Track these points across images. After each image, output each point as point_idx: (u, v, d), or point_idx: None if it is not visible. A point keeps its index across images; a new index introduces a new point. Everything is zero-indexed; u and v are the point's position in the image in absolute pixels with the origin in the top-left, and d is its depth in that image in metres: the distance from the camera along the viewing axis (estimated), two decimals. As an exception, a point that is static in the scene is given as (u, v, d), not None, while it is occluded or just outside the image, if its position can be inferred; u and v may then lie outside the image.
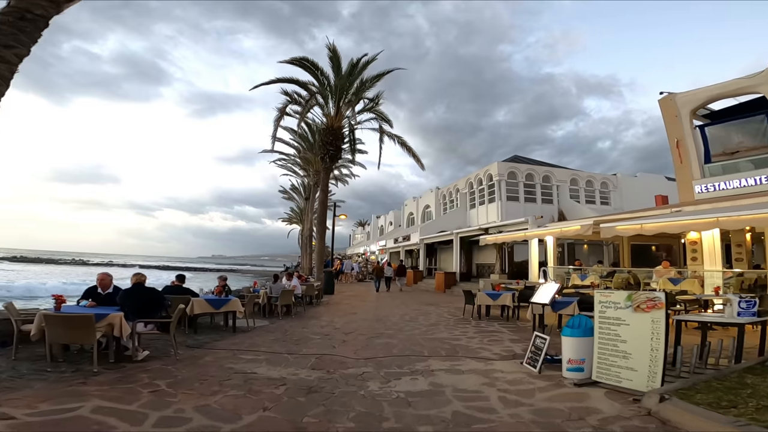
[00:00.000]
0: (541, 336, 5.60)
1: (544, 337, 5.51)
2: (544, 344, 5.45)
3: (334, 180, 39.60)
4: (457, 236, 21.85)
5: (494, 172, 25.20)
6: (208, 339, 7.66)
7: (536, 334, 5.81)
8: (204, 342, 7.39)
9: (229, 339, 7.78)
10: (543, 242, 16.09)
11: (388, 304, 14.80)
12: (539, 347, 5.54)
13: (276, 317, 10.55)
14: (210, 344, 7.25)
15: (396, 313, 12.09)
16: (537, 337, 5.71)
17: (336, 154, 18.08)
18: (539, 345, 5.56)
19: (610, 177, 28.04)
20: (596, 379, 4.69)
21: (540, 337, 5.63)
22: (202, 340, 7.51)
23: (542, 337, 5.55)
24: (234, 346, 7.11)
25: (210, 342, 7.41)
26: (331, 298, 17.14)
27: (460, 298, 17.25)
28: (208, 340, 7.59)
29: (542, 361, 5.40)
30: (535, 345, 5.67)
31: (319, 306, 13.95)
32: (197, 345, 7.12)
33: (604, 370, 4.59)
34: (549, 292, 5.76)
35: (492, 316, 11.13)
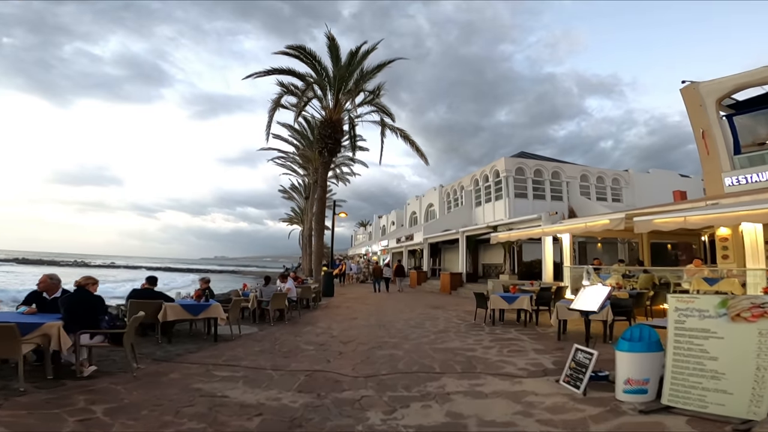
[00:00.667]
0: (585, 350, 4.48)
1: (590, 351, 4.39)
2: (589, 360, 4.34)
3: (335, 179, 38.57)
4: (463, 235, 20.73)
5: (501, 168, 24.08)
6: (181, 350, 6.57)
7: (577, 347, 4.70)
8: (176, 354, 6.29)
9: (208, 350, 6.69)
10: (557, 241, 14.95)
11: (391, 308, 13.68)
12: (582, 363, 4.43)
13: (267, 324, 9.45)
14: (182, 356, 6.16)
15: (400, 318, 10.97)
16: (578, 351, 4.60)
17: (335, 147, 17.00)
18: (582, 361, 4.44)
19: (621, 173, 26.88)
20: (669, 404, 3.59)
21: (583, 351, 4.51)
22: (174, 352, 6.42)
23: (586, 352, 4.44)
24: (210, 359, 6.02)
25: (183, 354, 6.32)
26: (330, 300, 16.03)
27: (468, 300, 16.16)
28: (181, 351, 6.50)
29: (587, 380, 4.29)
30: (576, 360, 4.56)
31: (316, 310, 12.84)
32: (166, 357, 6.03)
33: (681, 393, 3.50)
34: (596, 297, 4.63)
35: (507, 321, 10.00)
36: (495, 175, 24.88)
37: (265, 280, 10.18)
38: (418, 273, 24.46)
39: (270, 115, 16.73)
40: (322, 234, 16.02)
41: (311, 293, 12.77)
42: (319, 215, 15.93)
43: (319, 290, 14.43)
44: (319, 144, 16.98)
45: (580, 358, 4.52)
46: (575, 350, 4.67)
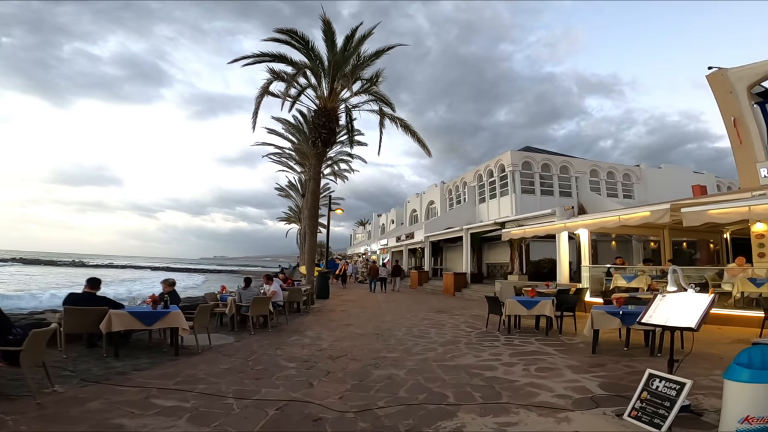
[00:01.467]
0: (669, 378, 3.16)
1: (677, 380, 3.08)
2: (676, 391, 3.02)
3: (333, 176, 37.27)
4: (467, 232, 19.41)
5: (507, 162, 22.75)
6: (128, 367, 5.26)
7: (651, 372, 3.38)
8: (117, 372, 4.98)
9: (162, 366, 5.37)
10: (573, 238, 13.65)
11: (390, 312, 12.35)
12: (662, 395, 3.12)
13: (247, 332, 8.12)
14: (124, 376, 4.85)
15: (401, 325, 9.65)
16: (655, 379, 3.28)
17: (329, 138, 15.67)
18: (663, 392, 3.13)
19: (633, 168, 25.57)
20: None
21: (664, 379, 3.19)
22: (116, 370, 5.10)
23: (671, 381, 3.12)
24: (159, 380, 4.70)
25: (127, 372, 5.00)
26: (324, 303, 14.70)
27: (474, 303, 14.86)
28: (127, 368, 5.18)
29: (673, 417, 2.98)
30: (651, 390, 3.24)
31: (307, 315, 11.50)
32: (100, 378, 4.72)
33: None
34: (693, 308, 3.29)
35: (524, 329, 8.68)
36: (500, 170, 23.56)
37: (245, 282, 8.84)
38: (419, 273, 23.13)
39: (257, 102, 15.40)
40: (316, 231, 14.71)
41: (302, 296, 11.44)
42: (312, 210, 14.62)
43: (311, 292, 13.11)
44: (313, 134, 15.66)
45: (660, 387, 3.20)
46: (648, 376, 3.35)
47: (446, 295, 18.46)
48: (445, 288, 18.86)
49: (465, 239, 19.45)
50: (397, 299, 16.73)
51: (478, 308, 12.99)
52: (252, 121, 15.64)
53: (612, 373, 5.21)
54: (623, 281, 10.98)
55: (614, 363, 5.73)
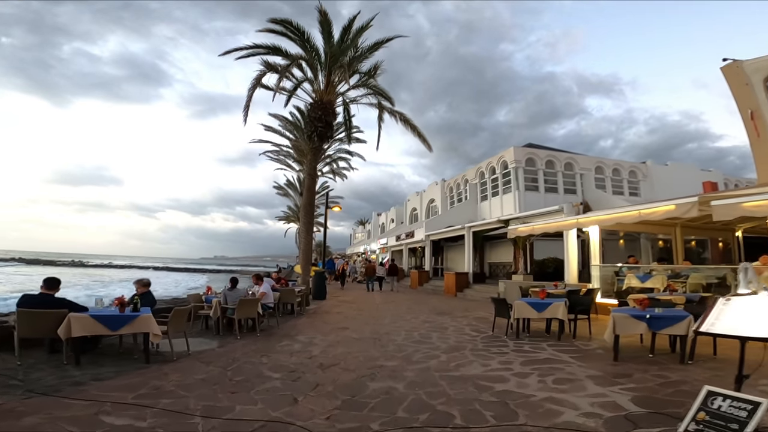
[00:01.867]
0: (732, 395, 2.51)
1: (748, 399, 2.43)
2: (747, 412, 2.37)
3: (332, 173, 36.63)
4: (469, 231, 18.75)
5: (510, 158, 22.10)
6: (88, 376, 4.62)
7: (710, 390, 2.72)
8: (74, 382, 4.35)
9: (128, 376, 4.72)
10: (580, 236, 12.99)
11: (389, 314, 11.70)
12: (729, 416, 2.46)
13: (233, 336, 7.47)
14: (81, 386, 4.21)
15: (400, 328, 8.99)
16: (715, 396, 2.62)
17: (326, 132, 14.99)
18: (728, 412, 2.48)
19: (639, 165, 24.93)
20: None
21: (725, 395, 2.54)
22: (73, 379, 4.47)
23: (739, 399, 2.47)
24: (117, 393, 4.05)
25: (84, 383, 4.36)
26: (321, 304, 14.05)
27: (477, 304, 14.21)
28: (85, 377, 4.55)
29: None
30: (710, 409, 2.59)
31: (302, 317, 10.84)
32: (50, 389, 4.08)
33: None
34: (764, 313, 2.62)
35: (534, 333, 8.02)
36: (503, 167, 22.90)
37: (230, 282, 8.17)
38: (420, 273, 22.47)
39: (249, 94, 14.70)
40: (311, 229, 14.04)
41: (295, 297, 10.77)
42: (307, 207, 13.96)
43: (306, 293, 12.45)
44: (308, 128, 14.99)
45: (724, 407, 2.54)
46: (708, 395, 2.69)
47: (448, 295, 17.80)
48: (446, 288, 18.20)
49: (467, 238, 18.79)
50: (397, 300, 16.07)
51: (482, 310, 12.35)
52: (243, 114, 14.95)
53: (642, 385, 4.55)
54: (637, 281, 10.32)
55: (641, 372, 5.07)
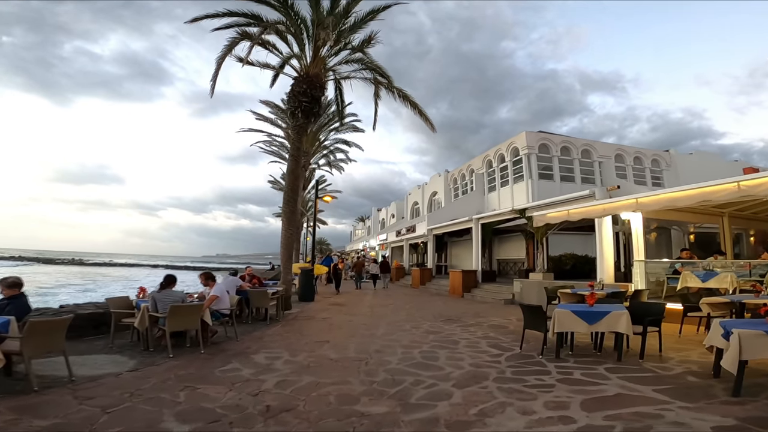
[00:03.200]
0: None
1: None
2: None
3: (328, 166, 34.54)
4: (477, 223, 16.62)
5: (521, 144, 19.96)
6: None
7: None
8: None
9: None
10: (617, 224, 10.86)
11: (385, 321, 9.61)
12: None
13: (164, 354, 5.40)
14: None
15: (396, 343, 6.89)
16: None
17: (311, 108, 12.83)
18: None
19: (662, 153, 22.80)
20: None
21: None
22: None
23: None
24: None
25: None
26: (305, 308, 11.98)
27: (489, 307, 12.02)
28: None
29: None
30: None
31: (276, 324, 8.74)
32: None
33: None
34: None
35: (579, 349, 5.91)
36: (513, 154, 20.76)
37: (163, 281, 6.07)
38: (422, 271, 20.35)
39: (218, 63, 12.51)
40: (294, 219, 11.92)
41: (268, 300, 8.68)
42: (289, 194, 11.84)
43: (285, 295, 10.37)
44: (292, 103, 12.86)
45: None
46: None
47: (453, 296, 15.70)
48: (451, 288, 16.10)
49: (475, 231, 16.68)
50: (396, 303, 13.96)
51: (497, 314, 10.26)
52: (210, 85, 12.82)
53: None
54: (695, 280, 8.19)
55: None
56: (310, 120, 13.16)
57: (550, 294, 9.18)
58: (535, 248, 18.94)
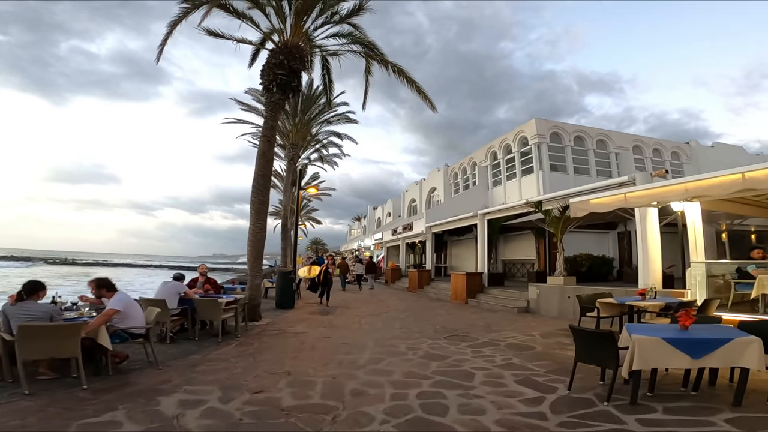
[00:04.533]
0: None
1: None
2: None
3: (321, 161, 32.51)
4: (483, 219, 14.63)
5: (530, 133, 18.01)
6: None
7: None
8: None
9: None
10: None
11: (374, 337, 7.62)
12: None
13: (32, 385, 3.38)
14: None
15: (386, 377, 4.89)
16: None
17: (289, 82, 10.73)
18: None
19: (682, 146, 20.94)
20: None
21: None
22: None
23: None
24: None
25: None
26: (280, 317, 9.97)
27: (501, 317, 9.81)
28: None
29: None
30: None
31: (229, 342, 6.69)
32: None
33: None
34: None
35: (663, 388, 3.91)
36: (521, 144, 18.81)
37: (23, 288, 4.04)
38: (420, 273, 18.32)
39: (170, 27, 10.46)
40: (264, 209, 9.80)
41: (220, 313, 6.63)
42: (259, 181, 9.73)
43: (248, 303, 8.34)
44: (266, 77, 10.80)
45: None
46: None
47: (456, 302, 13.69)
48: (454, 293, 14.09)
49: (480, 228, 14.69)
50: (389, 310, 11.96)
51: (512, 327, 8.27)
52: (158, 50, 10.82)
53: None
54: None
55: None
56: (288, 96, 11.08)
57: (585, 304, 7.20)
58: (547, 248, 16.97)
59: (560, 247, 11.24)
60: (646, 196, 5.94)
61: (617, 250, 17.19)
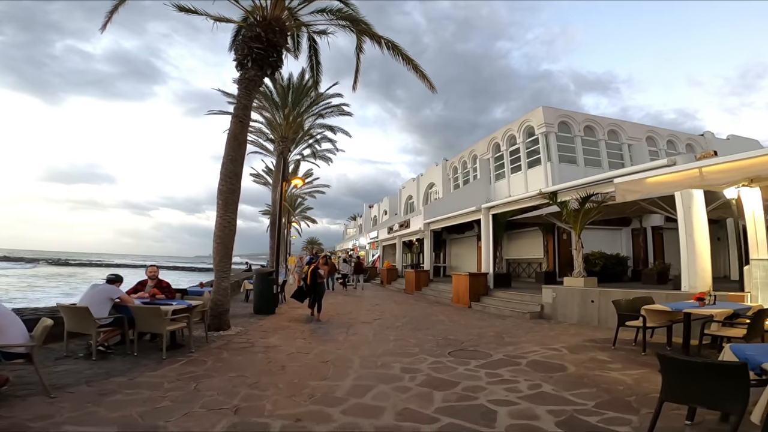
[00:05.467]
0: None
1: None
2: None
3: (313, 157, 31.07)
4: (488, 214, 13.24)
5: (537, 122, 16.66)
6: None
7: None
8: None
9: None
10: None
11: (360, 353, 6.22)
12: None
13: None
14: None
15: (372, 421, 3.47)
16: None
17: (266, 56, 9.25)
18: None
19: (696, 138, 19.66)
20: None
21: None
22: None
23: None
24: None
25: None
26: (254, 325, 8.56)
27: (512, 324, 8.17)
28: None
29: None
30: None
31: (176, 360, 5.26)
32: None
33: None
34: None
35: None
36: (527, 134, 17.46)
37: None
38: (418, 274, 16.91)
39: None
40: (234, 199, 8.24)
41: (163, 324, 5.19)
42: (228, 166, 8.21)
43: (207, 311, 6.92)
44: (240, 52, 9.33)
45: None
46: None
47: (458, 306, 12.30)
48: (455, 296, 12.70)
49: (485, 224, 13.31)
50: (383, 316, 10.55)
51: (528, 337, 6.85)
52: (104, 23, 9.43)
53: None
54: None
55: None
56: (265, 72, 9.57)
57: (626, 311, 5.81)
58: (557, 245, 15.61)
59: (579, 244, 9.84)
60: (735, 170, 4.44)
61: (631, 248, 15.87)
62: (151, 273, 6.41)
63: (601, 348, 6.06)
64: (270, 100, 23.57)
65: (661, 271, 13.10)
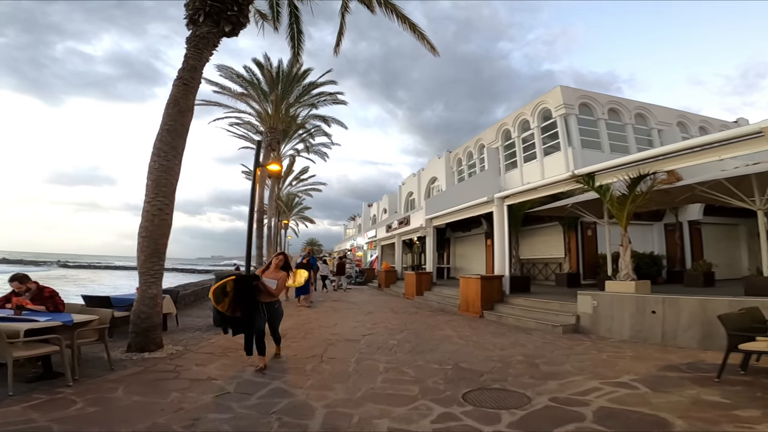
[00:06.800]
0: None
1: None
2: None
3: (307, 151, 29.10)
4: (502, 204, 11.14)
5: (555, 103, 14.62)
6: None
7: None
8: None
9: None
10: None
11: (335, 390, 4.17)
12: None
13: None
14: None
15: None
16: None
17: (224, 7, 7.22)
18: None
19: (729, 124, 17.60)
20: None
21: None
22: None
23: None
24: None
25: None
26: (203, 343, 6.56)
27: (540, 341, 5.75)
28: None
29: None
30: None
31: (38, 397, 3.21)
32: None
33: None
34: None
35: None
36: (542, 118, 15.41)
37: None
38: (418, 276, 14.80)
39: None
40: (170, 180, 6.05)
41: (7, 350, 3.19)
42: (165, 137, 6.11)
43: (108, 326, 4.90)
44: (192, 4, 7.28)
45: None
46: None
47: (467, 315, 10.23)
48: (464, 303, 10.63)
49: (498, 217, 11.24)
50: (375, 331, 8.51)
51: (579, 366, 4.68)
52: None
53: None
54: None
55: None
56: (223, 29, 7.44)
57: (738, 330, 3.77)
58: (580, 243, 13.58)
59: (626, 239, 7.83)
60: None
61: (665, 245, 13.82)
62: (15, 287, 4.34)
63: (697, 380, 4.03)
64: (257, 89, 21.67)
65: (707, 272, 11.10)
